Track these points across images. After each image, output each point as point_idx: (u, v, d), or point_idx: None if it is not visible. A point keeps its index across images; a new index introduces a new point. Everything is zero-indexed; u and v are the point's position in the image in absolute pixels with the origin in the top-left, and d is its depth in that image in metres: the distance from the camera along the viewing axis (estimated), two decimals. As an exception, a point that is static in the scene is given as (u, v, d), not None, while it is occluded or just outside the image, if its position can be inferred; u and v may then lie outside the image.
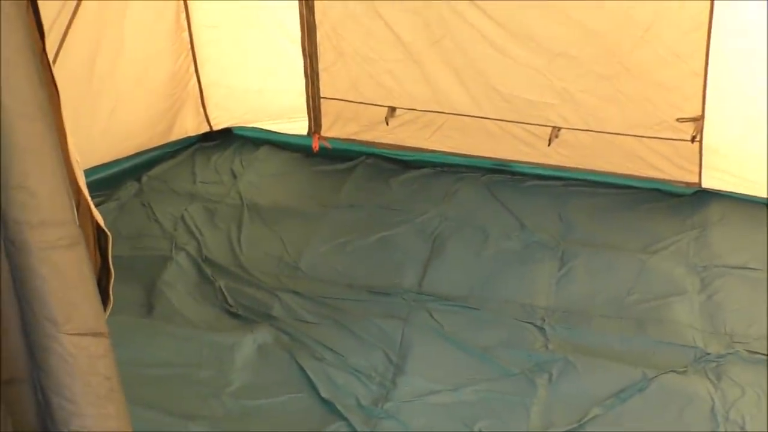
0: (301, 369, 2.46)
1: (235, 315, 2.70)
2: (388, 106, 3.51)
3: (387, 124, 3.53)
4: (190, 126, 3.69)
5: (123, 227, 3.12)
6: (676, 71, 3.06)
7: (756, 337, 2.59)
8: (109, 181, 3.38)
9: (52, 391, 1.42)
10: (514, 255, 3.01)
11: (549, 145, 3.37)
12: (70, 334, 1.39)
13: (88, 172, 3.11)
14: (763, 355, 2.50)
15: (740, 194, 3.28)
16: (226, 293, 2.78)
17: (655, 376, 2.42)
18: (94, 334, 1.43)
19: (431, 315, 2.68)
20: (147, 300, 2.75)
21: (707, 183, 3.31)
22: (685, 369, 2.46)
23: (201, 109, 3.68)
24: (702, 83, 3.04)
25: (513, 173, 3.49)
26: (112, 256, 1.80)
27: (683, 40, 2.98)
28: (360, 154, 3.64)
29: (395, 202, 3.33)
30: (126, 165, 3.49)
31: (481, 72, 3.30)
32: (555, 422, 2.29)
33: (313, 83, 3.53)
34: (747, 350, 2.53)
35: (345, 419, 2.28)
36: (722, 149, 3.20)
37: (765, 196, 3.24)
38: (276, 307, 2.72)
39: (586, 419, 2.29)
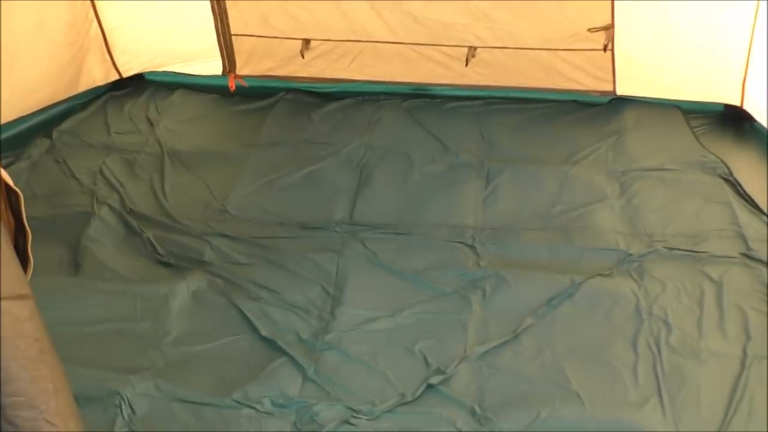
0: (239, 311, 2.45)
1: (166, 264, 2.67)
2: (302, 39, 3.44)
3: (303, 57, 3.47)
4: (98, 75, 3.54)
5: (38, 186, 3.01)
6: (585, -18, 3.09)
7: (673, 235, 2.71)
8: (17, 139, 3.24)
9: (-21, 359, 1.39)
10: (440, 178, 3.04)
11: (466, 65, 3.38)
12: (-9, 300, 1.35)
13: (-9, 132, 3.03)
14: (681, 250, 2.63)
15: (653, 99, 3.38)
16: (155, 243, 2.73)
17: (583, 282, 2.51)
18: (17, 297, 1.39)
19: (364, 244, 2.70)
20: (73, 258, 2.67)
21: (621, 90, 3.40)
22: (610, 272, 2.56)
23: (107, 57, 3.53)
24: (610, -8, 3.09)
25: (433, 96, 3.50)
26: (27, 217, 1.73)
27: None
28: (278, 90, 3.57)
29: (318, 136, 3.30)
30: (33, 121, 3.34)
31: (393, -4, 3.26)
32: (491, 336, 2.36)
33: (221, 21, 3.42)
34: (666, 247, 2.64)
35: (288, 355, 2.30)
36: (634, 56, 3.27)
37: (677, 98, 3.34)
38: (207, 252, 2.69)
39: (520, 329, 2.37)
